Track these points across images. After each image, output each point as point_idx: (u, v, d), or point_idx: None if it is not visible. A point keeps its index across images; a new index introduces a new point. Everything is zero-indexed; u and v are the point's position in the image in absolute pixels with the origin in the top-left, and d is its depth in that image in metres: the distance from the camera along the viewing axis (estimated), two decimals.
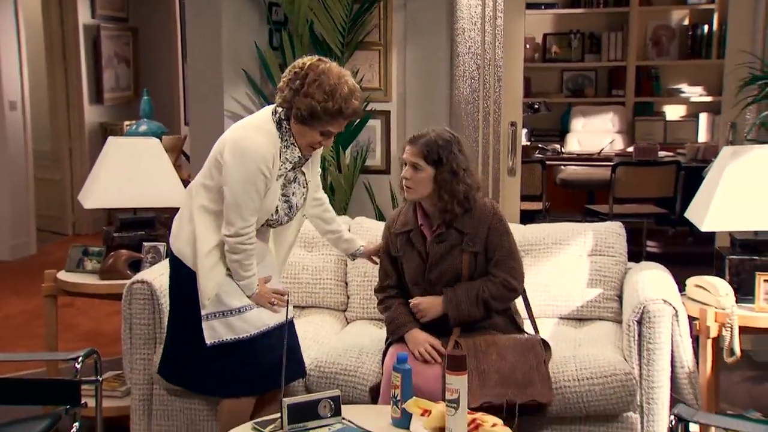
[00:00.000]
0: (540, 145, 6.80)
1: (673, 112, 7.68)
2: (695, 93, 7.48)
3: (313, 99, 2.56)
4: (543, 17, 7.73)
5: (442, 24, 4.11)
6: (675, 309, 2.79)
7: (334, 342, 3.11)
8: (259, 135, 2.60)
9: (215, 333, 2.67)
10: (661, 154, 6.15)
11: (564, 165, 6.92)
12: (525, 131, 6.88)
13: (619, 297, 3.24)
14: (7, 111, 6.63)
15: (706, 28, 7.39)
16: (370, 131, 4.26)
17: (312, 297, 3.45)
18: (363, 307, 3.42)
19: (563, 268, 3.29)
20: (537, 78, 7.78)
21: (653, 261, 3.38)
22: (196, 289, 2.67)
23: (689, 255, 6.27)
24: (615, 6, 7.58)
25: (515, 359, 2.71)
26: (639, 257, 3.52)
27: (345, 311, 3.48)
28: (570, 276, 3.27)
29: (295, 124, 2.63)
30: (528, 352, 2.74)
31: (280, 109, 2.66)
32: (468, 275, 2.79)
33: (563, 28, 7.79)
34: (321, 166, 3.00)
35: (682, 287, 3.08)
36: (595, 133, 7.33)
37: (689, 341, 2.83)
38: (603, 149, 6.82)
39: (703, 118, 7.35)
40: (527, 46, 7.56)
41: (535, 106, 6.97)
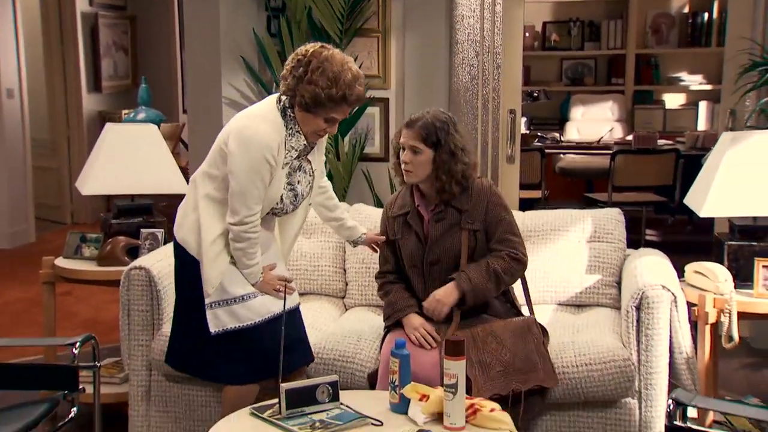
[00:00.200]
0: (539, 134, 6.79)
1: (673, 100, 7.66)
2: (695, 81, 7.46)
3: (317, 86, 2.55)
4: (542, 5, 7.70)
5: (440, 11, 4.09)
6: (674, 295, 2.78)
7: (332, 328, 3.11)
8: (264, 124, 2.59)
9: (219, 321, 2.66)
10: (661, 142, 6.14)
11: (563, 153, 6.91)
12: (524, 120, 6.86)
13: (618, 283, 3.24)
14: (5, 99, 6.61)
15: (706, 15, 7.36)
16: (368, 119, 4.26)
17: (310, 284, 3.45)
18: (361, 294, 3.42)
19: (562, 254, 3.29)
20: (536, 66, 7.76)
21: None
22: (199, 278, 2.67)
23: (688, 243, 6.27)
24: None
25: (514, 344, 2.71)
26: (638, 246, 3.52)
27: (343, 298, 3.47)
28: (569, 262, 3.27)
29: (300, 111, 2.62)
30: (526, 334, 2.75)
31: (284, 98, 2.65)
32: (467, 254, 2.78)
33: (563, 16, 7.77)
34: None
35: (681, 275, 3.07)
36: (595, 122, 7.32)
37: (688, 327, 2.83)
38: (602, 137, 6.81)
39: (703, 106, 7.33)
40: (527, 34, 7.54)
41: (535, 94, 6.95)
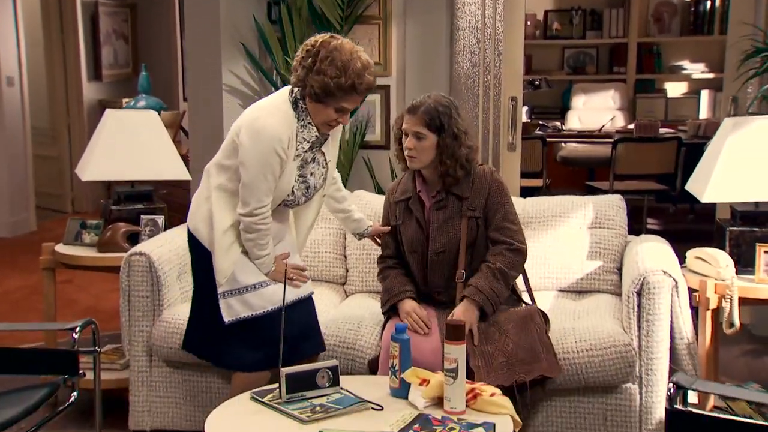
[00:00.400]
0: (540, 123, 6.77)
1: (675, 89, 7.64)
2: (697, 70, 7.44)
3: (326, 75, 2.54)
4: None
5: None
6: (675, 280, 2.78)
7: (332, 315, 3.11)
8: (275, 116, 2.60)
9: (232, 311, 2.68)
10: (662, 131, 6.12)
11: (564, 142, 6.89)
12: (525, 109, 6.84)
13: (619, 270, 3.23)
14: (5, 87, 6.60)
15: (708, 3, 7.33)
16: (369, 106, 4.23)
17: (311, 270, 3.42)
18: (362, 281, 3.41)
19: (563, 240, 3.28)
20: (538, 55, 7.73)
21: None
22: (212, 268, 2.69)
23: (690, 232, 6.26)
24: None
25: (517, 335, 2.70)
26: (639, 235, 3.51)
27: (344, 284, 3.47)
28: (570, 248, 3.26)
29: (310, 102, 2.62)
30: (528, 323, 2.74)
31: (296, 89, 2.66)
32: (467, 241, 2.77)
33: (564, 4, 7.73)
34: None
35: (682, 262, 3.06)
36: (596, 111, 7.30)
37: (689, 312, 2.82)
38: (603, 126, 6.79)
39: (705, 95, 7.31)
40: (528, 23, 7.51)
41: (536, 82, 6.93)
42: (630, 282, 2.83)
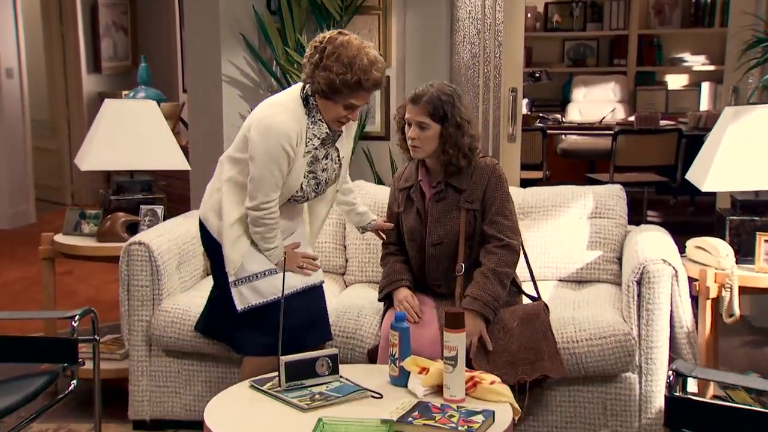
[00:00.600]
0: (541, 115, 6.76)
1: (675, 81, 7.63)
2: (698, 62, 7.42)
3: (332, 72, 2.55)
4: None
5: None
6: (675, 269, 2.77)
7: (332, 305, 3.08)
8: (284, 112, 2.62)
9: (244, 299, 2.71)
10: (663, 123, 6.12)
11: (565, 134, 6.88)
12: (526, 101, 6.83)
13: (619, 259, 3.23)
14: (4, 78, 6.59)
15: None
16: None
17: None
18: (361, 271, 3.41)
19: (563, 230, 3.27)
20: (538, 47, 7.71)
21: None
22: (221, 257, 2.72)
23: (690, 224, 6.25)
24: None
25: (521, 332, 2.68)
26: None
27: (343, 275, 3.47)
28: (570, 238, 3.26)
29: (320, 99, 2.63)
30: (533, 321, 2.72)
31: (306, 86, 2.67)
32: (466, 234, 2.76)
33: None
34: None
35: (682, 253, 3.05)
36: (597, 103, 7.28)
37: (689, 301, 2.82)
38: (604, 118, 6.78)
39: (705, 87, 7.29)
40: (528, 15, 7.49)
41: (536, 74, 6.92)
42: (630, 271, 2.82)
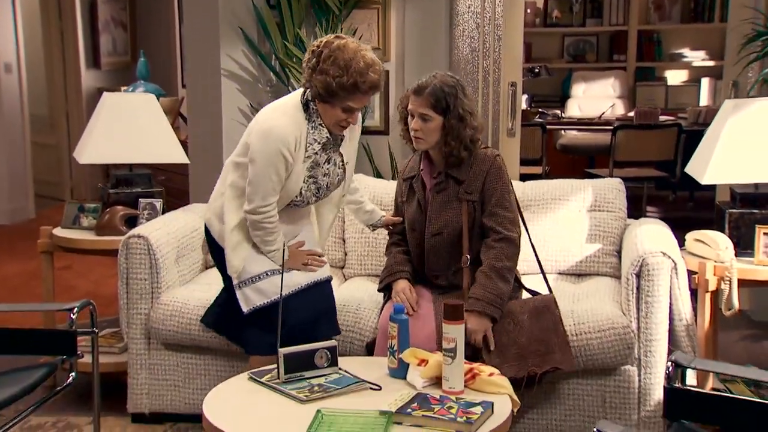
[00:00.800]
0: (540, 110, 6.75)
1: (675, 77, 7.63)
2: (697, 57, 7.42)
3: (328, 75, 2.57)
4: None
5: None
6: (674, 262, 2.77)
7: None
8: (284, 117, 2.64)
9: (249, 300, 2.73)
10: (662, 119, 6.11)
11: (564, 129, 6.88)
12: (525, 97, 6.83)
13: (618, 253, 3.23)
14: (3, 74, 6.58)
15: None
16: None
17: None
18: (361, 264, 3.41)
19: (562, 223, 3.27)
20: (538, 43, 7.71)
21: None
22: (224, 260, 2.76)
23: (690, 219, 6.24)
24: None
25: (531, 325, 2.68)
26: None
27: (343, 268, 3.47)
28: (569, 232, 3.25)
29: (319, 103, 2.65)
30: (544, 313, 2.71)
31: (307, 91, 2.69)
32: (468, 224, 2.75)
33: None
34: None
35: (682, 247, 3.05)
36: (596, 99, 7.28)
37: (688, 294, 2.81)
38: (603, 113, 6.78)
39: (705, 82, 7.29)
40: (528, 10, 7.48)
41: (536, 70, 6.92)
42: (629, 264, 2.82)
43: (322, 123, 2.68)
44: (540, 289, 2.88)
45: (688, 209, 6.74)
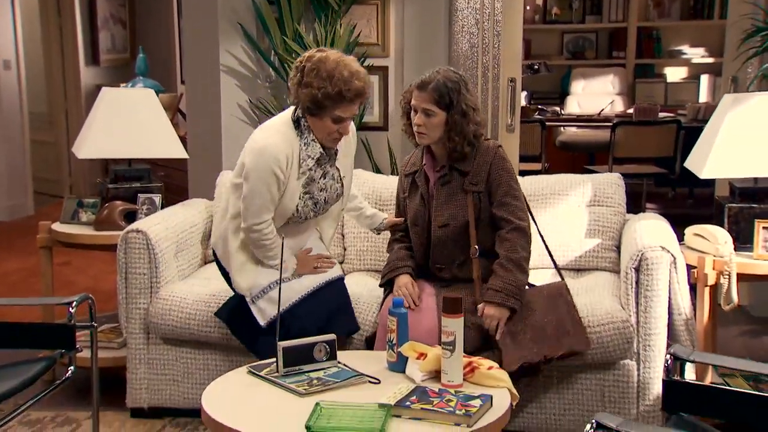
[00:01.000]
0: (540, 107, 6.75)
1: (674, 73, 7.62)
2: (697, 54, 7.42)
3: (313, 87, 2.60)
4: None
5: None
6: (673, 256, 2.77)
7: None
8: (275, 136, 2.68)
9: (265, 313, 2.75)
10: (662, 115, 6.11)
11: (564, 126, 6.88)
12: (525, 94, 6.83)
13: (618, 247, 3.23)
14: (2, 70, 6.58)
15: None
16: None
17: None
18: (360, 259, 3.41)
19: (562, 218, 3.27)
20: (537, 40, 7.71)
21: None
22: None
23: (689, 216, 6.21)
24: None
25: (545, 310, 2.69)
26: None
27: (342, 263, 3.46)
28: (568, 227, 3.25)
29: (309, 118, 2.68)
30: (557, 299, 2.73)
31: (297, 109, 2.72)
32: (475, 216, 2.75)
33: None
34: None
35: (681, 242, 3.05)
36: (596, 96, 7.28)
37: (687, 288, 2.81)
38: (603, 110, 6.78)
39: (704, 79, 7.30)
40: (527, 7, 7.48)
41: (535, 66, 6.91)
42: (628, 258, 2.82)
43: (314, 138, 2.71)
44: (539, 282, 2.90)
45: (687, 206, 6.73)
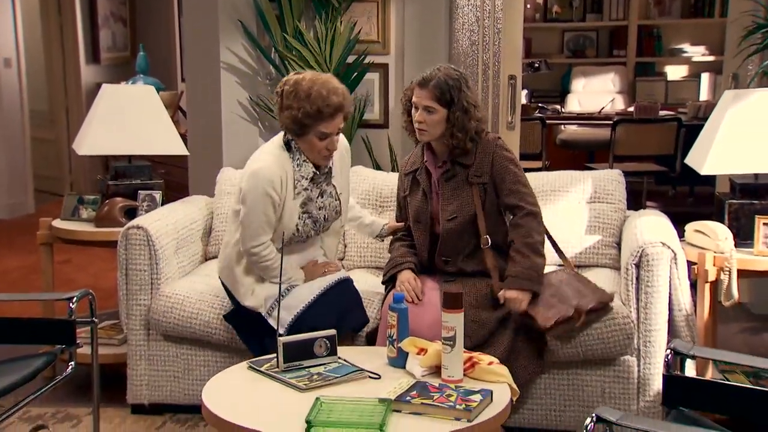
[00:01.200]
0: (540, 105, 6.75)
1: (675, 72, 7.61)
2: (697, 52, 7.41)
3: (293, 109, 2.68)
4: None
5: None
6: (673, 252, 2.77)
7: None
8: (269, 158, 2.75)
9: (282, 320, 2.75)
10: (662, 113, 6.10)
11: (564, 124, 6.87)
12: (525, 92, 6.82)
13: (618, 244, 3.22)
14: (2, 68, 6.58)
15: None
16: (368, 85, 4.21)
17: None
18: (360, 256, 3.41)
19: (562, 215, 3.26)
20: (537, 38, 7.70)
21: None
22: (242, 307, 2.85)
23: (689, 215, 6.20)
24: None
25: (560, 282, 2.77)
26: None
27: (342, 260, 3.46)
28: (569, 223, 3.25)
29: (297, 139, 2.75)
30: (569, 275, 2.81)
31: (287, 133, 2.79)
32: (482, 207, 2.77)
33: None
34: None
35: (681, 239, 3.04)
36: (596, 94, 7.27)
37: (687, 284, 2.81)
38: (603, 108, 6.77)
39: (705, 78, 7.28)
40: (527, 5, 7.47)
41: (536, 64, 6.91)
42: (629, 254, 2.82)
43: (306, 159, 2.77)
44: None
45: (688, 204, 6.73)
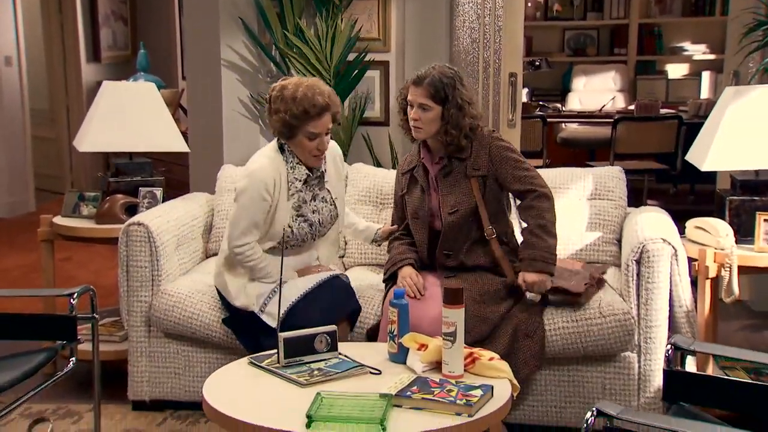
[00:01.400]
0: (541, 103, 6.75)
1: (676, 70, 7.62)
2: (698, 51, 7.41)
3: (280, 112, 2.76)
4: None
5: None
6: (674, 248, 2.77)
7: None
8: (264, 160, 2.82)
9: (274, 316, 2.76)
10: (663, 112, 6.11)
11: (565, 122, 6.87)
12: (526, 91, 6.82)
13: (619, 241, 3.22)
14: (3, 67, 6.58)
15: None
16: (368, 82, 4.21)
17: None
18: (361, 253, 3.41)
19: (563, 212, 3.23)
20: (538, 37, 7.70)
21: None
22: (239, 310, 2.88)
23: (690, 213, 6.20)
24: None
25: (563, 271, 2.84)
26: None
27: (343, 257, 3.46)
28: (569, 220, 3.25)
29: (288, 142, 2.82)
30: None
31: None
32: (483, 199, 2.78)
33: None
34: None
35: (682, 236, 3.05)
36: (597, 92, 7.28)
37: (688, 280, 2.81)
38: (604, 106, 6.77)
39: (706, 76, 7.29)
40: (528, 4, 7.47)
41: (536, 62, 6.91)
42: (629, 250, 2.82)
43: (299, 162, 2.83)
44: None
45: (688, 202, 6.73)
